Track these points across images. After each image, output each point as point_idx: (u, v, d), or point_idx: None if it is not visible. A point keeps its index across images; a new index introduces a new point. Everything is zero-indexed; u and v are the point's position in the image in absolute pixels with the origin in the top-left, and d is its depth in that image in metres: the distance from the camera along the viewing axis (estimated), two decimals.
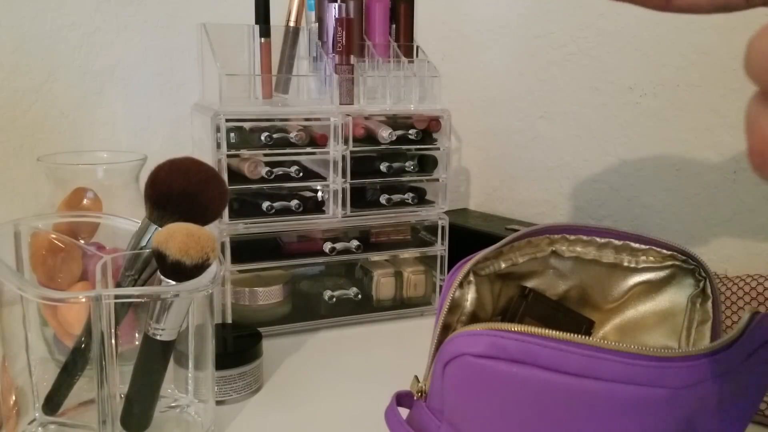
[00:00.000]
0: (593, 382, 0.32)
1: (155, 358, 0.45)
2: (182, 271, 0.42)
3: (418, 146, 0.73)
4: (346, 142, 0.68)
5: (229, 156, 0.64)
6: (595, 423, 0.33)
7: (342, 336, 0.70)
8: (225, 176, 0.62)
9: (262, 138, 0.65)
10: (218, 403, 0.54)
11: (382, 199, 0.71)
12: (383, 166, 0.71)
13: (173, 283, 0.43)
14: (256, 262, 0.68)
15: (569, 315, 0.46)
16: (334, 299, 0.72)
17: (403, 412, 0.42)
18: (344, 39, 0.69)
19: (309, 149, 0.68)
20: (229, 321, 0.67)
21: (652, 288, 0.45)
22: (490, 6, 0.92)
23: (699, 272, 0.43)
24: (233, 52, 0.72)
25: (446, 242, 0.75)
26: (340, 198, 0.69)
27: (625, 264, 0.45)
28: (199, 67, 0.74)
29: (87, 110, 0.81)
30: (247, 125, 0.66)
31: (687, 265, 0.43)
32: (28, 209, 0.77)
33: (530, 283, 0.46)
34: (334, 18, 0.70)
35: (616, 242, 0.45)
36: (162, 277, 0.43)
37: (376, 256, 0.76)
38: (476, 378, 0.34)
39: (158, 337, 0.44)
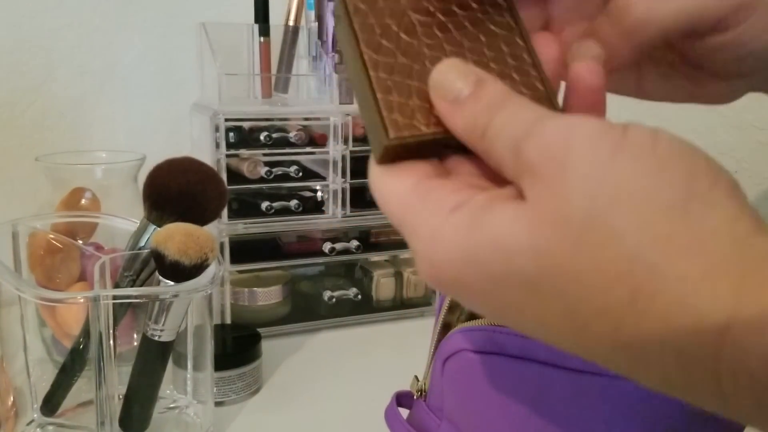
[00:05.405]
0: (594, 377, 0.32)
1: (154, 359, 0.45)
2: (181, 272, 0.42)
3: None
4: (345, 141, 0.68)
5: (228, 156, 0.64)
6: (597, 418, 0.32)
7: (342, 336, 0.70)
8: (224, 176, 0.62)
9: (262, 138, 0.65)
10: (217, 404, 0.53)
11: None
12: None
13: (172, 283, 0.43)
14: (255, 263, 0.68)
15: None
16: (334, 299, 0.71)
17: (404, 412, 0.42)
18: None
19: (308, 149, 0.67)
20: (228, 321, 0.66)
21: None
22: None
23: None
24: (233, 51, 0.72)
25: None
26: (339, 198, 0.69)
27: None
28: (198, 66, 0.73)
29: (86, 110, 0.81)
30: (246, 125, 0.66)
31: None
32: (26, 209, 0.76)
33: None
34: (333, 17, 0.69)
35: None
36: (161, 277, 0.43)
37: (375, 256, 0.75)
38: (475, 373, 0.34)
39: (157, 338, 0.44)
